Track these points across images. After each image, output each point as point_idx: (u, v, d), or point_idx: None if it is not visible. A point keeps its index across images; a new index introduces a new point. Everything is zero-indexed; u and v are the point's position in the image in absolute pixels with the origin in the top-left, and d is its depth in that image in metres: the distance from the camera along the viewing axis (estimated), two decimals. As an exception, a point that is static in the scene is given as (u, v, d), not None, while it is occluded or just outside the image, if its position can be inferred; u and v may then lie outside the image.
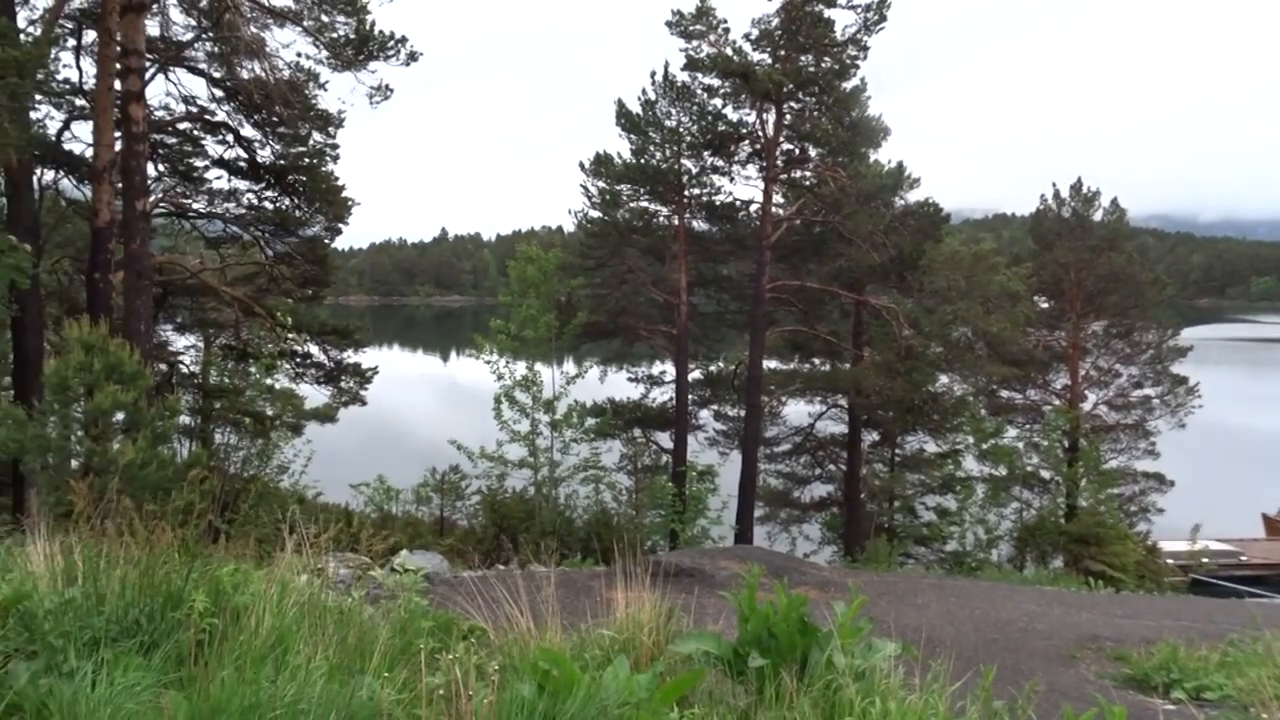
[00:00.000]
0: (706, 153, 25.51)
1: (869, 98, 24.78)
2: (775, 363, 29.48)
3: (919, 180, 24.95)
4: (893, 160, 26.16)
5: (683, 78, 24.46)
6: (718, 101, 24.76)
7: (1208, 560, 26.82)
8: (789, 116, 24.63)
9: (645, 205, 26.59)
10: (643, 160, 25.39)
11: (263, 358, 19.51)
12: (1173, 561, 26.00)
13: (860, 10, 23.34)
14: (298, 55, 20.51)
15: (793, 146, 25.41)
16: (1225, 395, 43.36)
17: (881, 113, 26.78)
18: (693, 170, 25.71)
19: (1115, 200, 29.97)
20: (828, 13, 23.43)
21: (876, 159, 25.26)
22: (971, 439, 26.43)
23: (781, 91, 23.39)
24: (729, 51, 23.66)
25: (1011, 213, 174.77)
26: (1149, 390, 30.46)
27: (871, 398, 23.91)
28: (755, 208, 25.51)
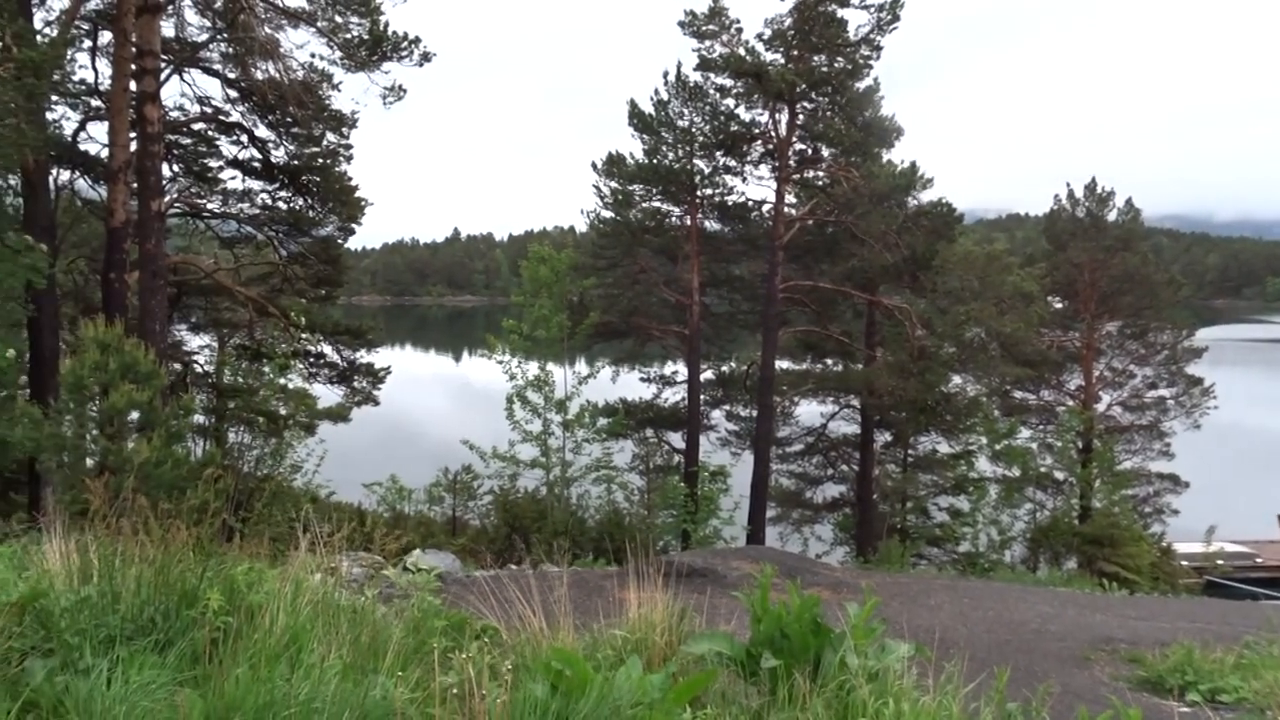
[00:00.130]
0: (719, 153, 25.47)
1: (882, 97, 24.79)
2: (788, 363, 29.44)
3: (932, 180, 24.87)
4: (906, 160, 26.15)
5: (695, 78, 24.46)
6: (730, 101, 24.76)
7: (1223, 562, 26.69)
8: (802, 116, 24.59)
9: (658, 205, 26.59)
10: (655, 160, 25.38)
11: (276, 357, 19.60)
12: (1187, 563, 25.87)
13: (873, 10, 23.29)
14: (312, 56, 20.68)
15: (805, 146, 25.39)
16: (1241, 396, 43.11)
17: (894, 112, 26.69)
18: (705, 170, 25.67)
19: (1130, 200, 29.93)
20: (841, 12, 23.38)
21: (889, 159, 25.21)
22: (985, 440, 26.36)
23: (794, 91, 23.35)
24: (742, 51, 23.63)
25: (1025, 213, 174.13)
26: (1164, 391, 30.37)
27: (884, 398, 23.84)
28: (768, 208, 25.48)
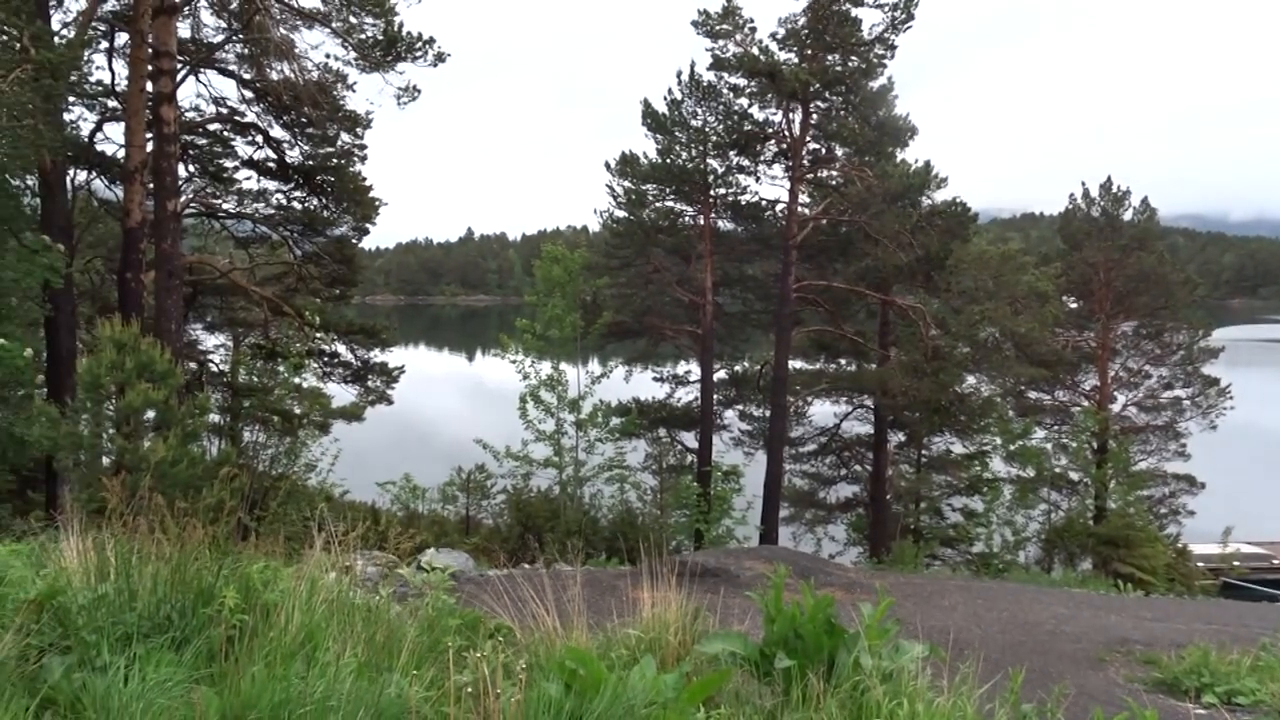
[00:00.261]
0: (732, 152, 25.40)
1: (896, 97, 24.66)
2: (801, 363, 29.36)
3: (946, 179, 24.70)
4: (920, 159, 25.92)
5: (709, 77, 24.38)
6: (744, 101, 24.68)
7: (1239, 563, 26.50)
8: (815, 116, 24.52)
9: (671, 205, 26.53)
10: (668, 160, 25.33)
11: (291, 357, 19.69)
12: (1203, 564, 25.70)
13: (888, 9, 23.18)
14: (326, 56, 20.77)
15: (819, 146, 25.30)
16: (1257, 397, 42.69)
17: (909, 112, 26.64)
18: (718, 170, 25.61)
19: (1145, 199, 29.76)
20: (855, 12, 23.28)
21: (903, 158, 25.05)
22: (999, 440, 26.27)
23: (808, 91, 23.29)
24: (755, 51, 23.57)
25: (1040, 212, 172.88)
26: (1179, 391, 30.19)
27: (898, 398, 23.75)
28: (781, 207, 25.41)
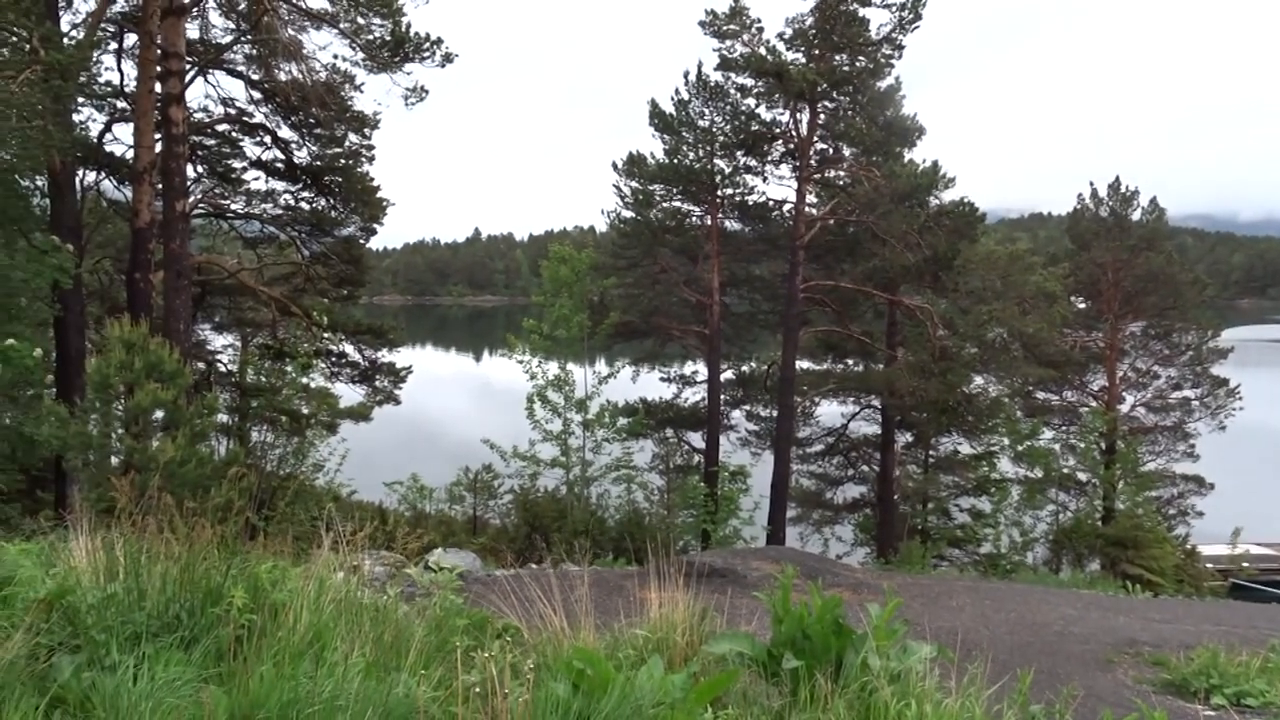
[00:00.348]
0: (739, 152, 25.42)
1: (903, 96, 24.65)
2: (808, 363, 29.33)
3: (954, 180, 24.65)
4: (927, 159, 25.82)
5: (716, 77, 24.42)
6: (751, 101, 24.69)
7: (1248, 565, 26.42)
8: (823, 116, 24.50)
9: (678, 205, 26.56)
10: (676, 160, 25.35)
11: (299, 357, 19.69)
12: (1212, 566, 25.62)
13: (895, 9, 23.16)
14: (334, 57, 20.83)
15: (826, 146, 25.29)
16: (1267, 397, 42.51)
17: (916, 111, 26.48)
18: (726, 170, 25.62)
19: (1154, 199, 29.65)
20: (862, 11, 23.28)
21: (911, 158, 25.01)
22: (1007, 440, 26.22)
23: (815, 91, 23.27)
24: (763, 51, 23.57)
25: (1048, 212, 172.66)
26: (1188, 392, 30.07)
27: (905, 399, 23.71)
28: (788, 208, 25.40)
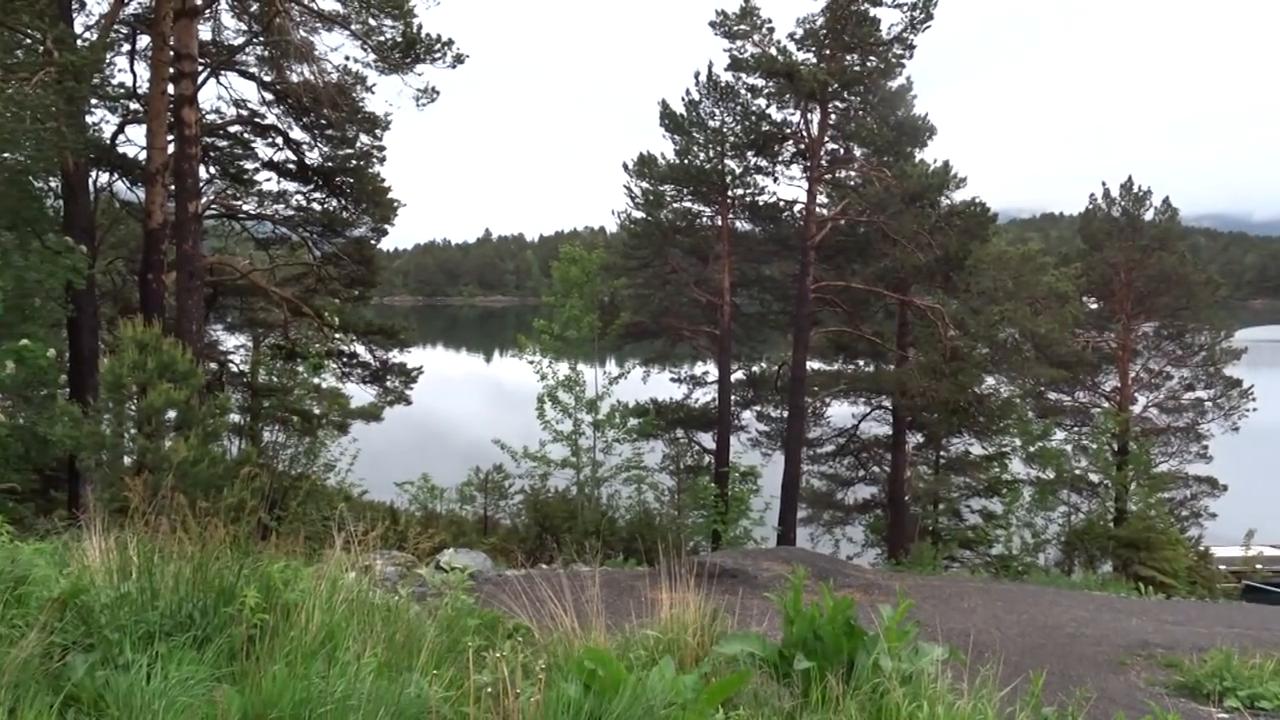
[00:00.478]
0: (750, 153, 25.36)
1: (914, 96, 24.59)
2: (819, 363, 29.28)
3: (965, 180, 24.58)
4: (938, 160, 25.79)
5: (726, 78, 24.36)
6: (762, 101, 24.63)
7: (1261, 566, 26.28)
8: (834, 116, 24.45)
9: (689, 206, 26.51)
10: (686, 161, 25.32)
11: (310, 357, 19.79)
12: (1225, 567, 25.50)
13: (906, 9, 23.10)
14: (346, 58, 20.85)
15: (837, 146, 25.24)
16: (1280, 398, 42.34)
17: (927, 112, 26.32)
18: (736, 170, 25.56)
19: (1167, 199, 29.54)
20: (873, 11, 23.21)
21: (922, 158, 24.94)
22: (1018, 441, 26.13)
23: (826, 91, 23.22)
24: (773, 51, 23.52)
25: (1060, 212, 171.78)
26: (1201, 393, 29.94)
27: (916, 399, 23.65)
28: (799, 208, 25.35)
